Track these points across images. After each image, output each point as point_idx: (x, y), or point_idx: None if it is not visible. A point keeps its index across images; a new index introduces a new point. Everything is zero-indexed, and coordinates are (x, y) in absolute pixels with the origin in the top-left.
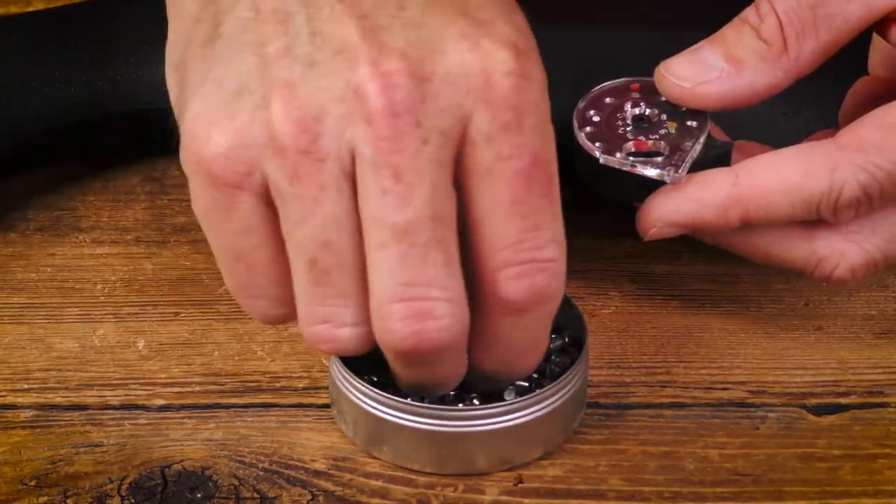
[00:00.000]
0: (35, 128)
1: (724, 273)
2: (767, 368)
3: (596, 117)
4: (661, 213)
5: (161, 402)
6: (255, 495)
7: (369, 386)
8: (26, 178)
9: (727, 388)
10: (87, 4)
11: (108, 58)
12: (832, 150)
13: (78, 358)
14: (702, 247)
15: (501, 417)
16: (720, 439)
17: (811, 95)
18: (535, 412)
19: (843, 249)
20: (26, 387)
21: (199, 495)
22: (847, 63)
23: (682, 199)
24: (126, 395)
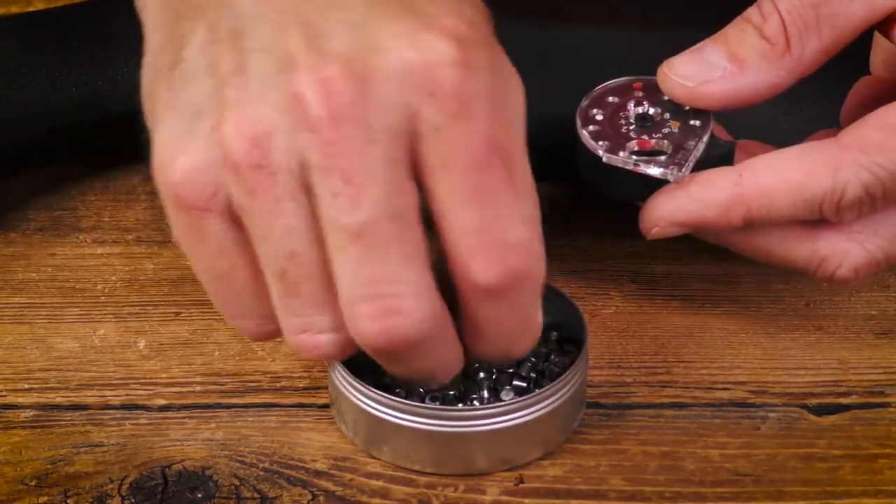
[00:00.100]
0: (35, 128)
1: (725, 273)
2: (768, 368)
3: (599, 116)
4: (664, 212)
5: (162, 401)
6: (255, 495)
7: (369, 386)
8: (26, 178)
9: (728, 389)
10: (88, 4)
11: (109, 58)
12: (835, 150)
13: (79, 358)
14: (702, 247)
15: (501, 417)
16: (721, 439)
17: (813, 95)
18: (535, 412)
19: (845, 249)
20: (27, 387)
21: (200, 495)
22: (849, 63)
23: (685, 199)
24: (127, 394)
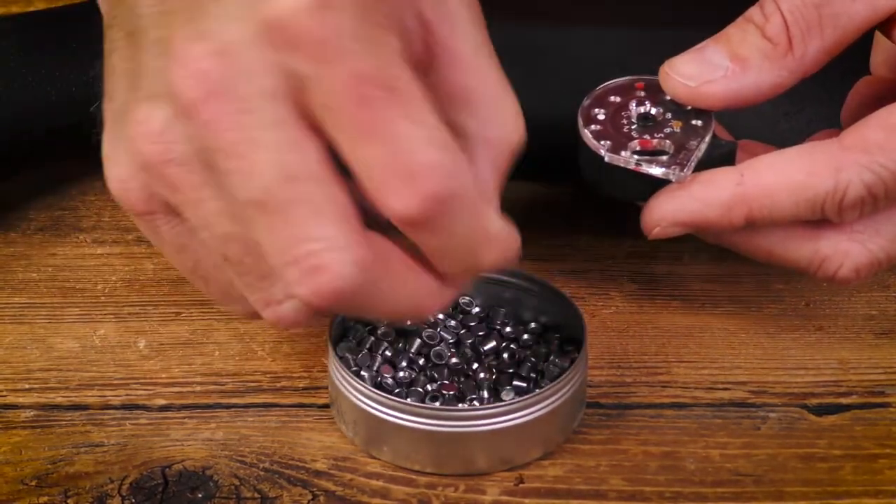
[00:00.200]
0: (35, 128)
1: (725, 273)
2: (768, 368)
3: (601, 115)
4: (666, 211)
5: (162, 401)
6: (255, 495)
7: (369, 386)
8: (26, 178)
9: (728, 389)
10: (88, 4)
11: None
12: (836, 151)
13: (79, 358)
14: (702, 247)
15: (501, 417)
16: (721, 439)
17: (814, 95)
18: (535, 412)
19: (846, 249)
20: (27, 387)
21: (200, 495)
22: (850, 63)
23: (687, 198)
24: (127, 394)
